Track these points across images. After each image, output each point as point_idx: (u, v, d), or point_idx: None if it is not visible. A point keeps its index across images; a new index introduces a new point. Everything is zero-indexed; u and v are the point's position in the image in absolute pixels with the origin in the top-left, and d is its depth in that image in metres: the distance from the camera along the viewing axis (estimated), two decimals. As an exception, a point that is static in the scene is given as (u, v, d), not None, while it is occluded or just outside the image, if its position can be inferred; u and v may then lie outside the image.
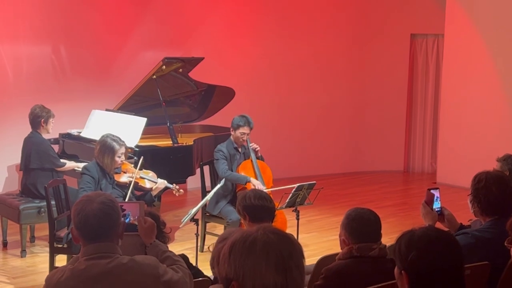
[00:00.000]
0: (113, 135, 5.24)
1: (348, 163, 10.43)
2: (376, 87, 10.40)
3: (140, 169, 5.48)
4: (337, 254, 3.16)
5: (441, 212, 3.57)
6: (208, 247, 5.05)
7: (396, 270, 2.01)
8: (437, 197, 3.57)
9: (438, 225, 3.58)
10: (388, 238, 6.48)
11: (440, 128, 9.92)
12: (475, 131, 9.17)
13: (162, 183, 5.43)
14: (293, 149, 9.94)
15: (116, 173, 5.32)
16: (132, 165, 5.58)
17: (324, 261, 3.59)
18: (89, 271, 2.44)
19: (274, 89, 9.67)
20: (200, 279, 3.29)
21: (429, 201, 3.56)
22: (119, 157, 5.15)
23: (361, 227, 2.93)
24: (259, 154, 6.10)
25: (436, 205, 3.56)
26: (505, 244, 2.20)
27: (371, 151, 10.52)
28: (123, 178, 5.40)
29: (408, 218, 7.44)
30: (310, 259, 5.85)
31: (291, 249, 1.58)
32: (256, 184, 5.75)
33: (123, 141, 5.24)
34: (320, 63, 10.00)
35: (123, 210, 2.72)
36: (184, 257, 3.34)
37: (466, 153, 9.26)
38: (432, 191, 3.58)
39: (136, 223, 2.82)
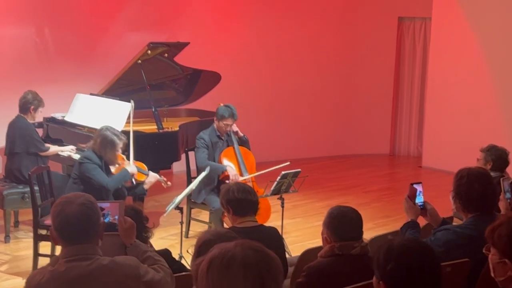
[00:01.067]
0: (112, 128, 5.26)
1: (335, 147, 10.46)
2: (363, 70, 10.40)
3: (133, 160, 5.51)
4: (320, 247, 3.18)
5: (424, 206, 3.59)
6: (187, 250, 5.06)
7: (374, 279, 2.03)
8: (419, 191, 3.59)
9: (421, 219, 3.62)
10: (373, 224, 6.65)
11: (426, 111, 9.95)
12: (461, 115, 9.21)
13: (153, 177, 5.46)
14: (280, 132, 9.95)
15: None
16: (124, 156, 5.58)
17: (308, 254, 3.63)
18: (69, 273, 2.43)
19: (262, 73, 9.64)
20: (184, 273, 3.29)
21: (412, 195, 3.58)
22: (118, 151, 5.19)
23: (343, 225, 2.95)
24: (241, 134, 6.09)
25: (419, 200, 3.59)
26: (484, 251, 2.22)
27: (357, 134, 10.56)
28: (118, 170, 5.42)
29: (393, 203, 7.49)
30: (294, 245, 5.92)
31: (269, 265, 1.58)
32: (232, 174, 5.74)
33: (123, 135, 5.28)
34: (307, 46, 9.98)
35: (102, 209, 2.71)
36: (166, 252, 3.35)
37: (452, 138, 9.31)
38: (414, 185, 3.61)
39: (116, 222, 2.82)
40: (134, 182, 5.38)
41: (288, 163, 5.73)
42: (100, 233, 2.55)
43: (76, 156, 5.97)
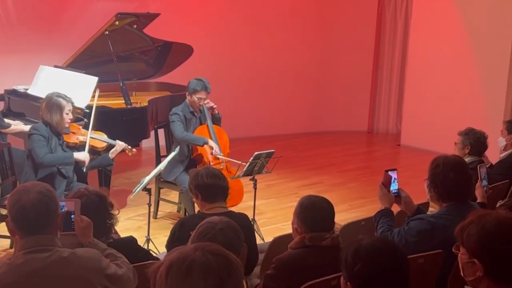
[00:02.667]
0: (59, 92, 5.19)
1: (311, 123, 10.50)
2: (342, 45, 10.40)
3: (92, 129, 5.43)
4: (291, 234, 3.20)
5: (398, 194, 3.62)
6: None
7: (342, 279, 2.05)
8: (394, 178, 3.61)
9: (395, 207, 3.65)
10: (348, 205, 6.71)
11: (406, 88, 10.01)
12: (442, 93, 9.27)
13: (120, 145, 5.38)
14: (254, 107, 9.94)
15: (65, 133, 5.27)
16: (81, 126, 5.52)
17: (278, 242, 3.65)
18: (27, 265, 2.41)
19: (238, 46, 9.59)
20: (150, 261, 3.29)
21: (386, 182, 3.60)
22: (67, 113, 5.11)
23: (314, 216, 2.96)
24: (216, 112, 6.07)
25: (393, 187, 3.61)
26: (453, 250, 2.25)
27: (335, 110, 10.60)
28: (73, 139, 5.37)
29: (370, 183, 7.54)
30: (267, 228, 5.95)
31: (230, 269, 1.59)
32: (214, 146, 5.76)
33: (70, 98, 5.18)
34: (286, 19, 9.94)
35: None
36: (132, 240, 3.34)
37: (432, 116, 9.39)
38: (389, 172, 3.62)
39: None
40: (84, 169, 5.29)
41: (272, 150, 5.68)
42: (59, 224, 2.53)
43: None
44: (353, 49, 10.43)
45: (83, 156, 5.23)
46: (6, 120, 6.22)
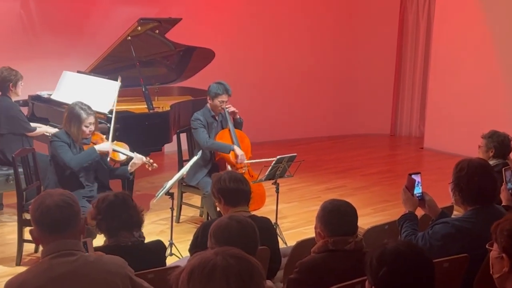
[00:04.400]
0: (83, 103, 5.21)
1: (333, 126, 10.48)
2: (364, 45, 10.37)
3: (112, 140, 5.45)
4: (314, 239, 3.20)
5: (422, 197, 3.60)
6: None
7: (366, 284, 2.05)
8: (418, 182, 3.60)
9: (419, 211, 3.64)
10: (371, 209, 6.69)
11: (429, 90, 9.94)
12: (466, 94, 9.18)
13: (139, 159, 5.39)
14: (276, 111, 9.96)
15: (85, 144, 5.29)
16: (104, 136, 5.54)
17: (301, 246, 3.65)
18: (54, 270, 2.44)
19: (256, 48, 9.61)
20: (172, 266, 3.31)
21: (410, 186, 3.59)
22: (87, 126, 5.13)
23: (337, 220, 2.96)
24: (237, 116, 6.09)
25: (417, 191, 3.59)
26: (487, 246, 2.25)
27: (357, 113, 10.56)
28: None
29: (393, 187, 7.50)
30: (290, 232, 5.96)
31: (251, 273, 1.60)
32: (240, 153, 5.77)
33: (93, 111, 5.20)
34: (304, 19, 9.94)
35: None
36: (160, 244, 3.38)
37: (456, 118, 9.31)
38: (413, 176, 3.61)
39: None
40: (108, 159, 5.30)
41: (295, 154, 5.68)
42: (82, 227, 2.56)
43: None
44: (375, 50, 10.39)
45: (106, 146, 5.25)
46: (32, 124, 6.31)
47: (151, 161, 5.43)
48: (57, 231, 2.50)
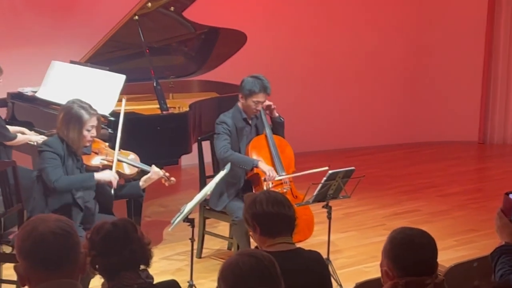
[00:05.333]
0: (82, 101, 5.28)
1: (403, 132, 10.44)
2: (442, 32, 10.30)
3: (118, 149, 5.52)
4: (379, 279, 3.19)
5: (524, 224, 3.57)
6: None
7: None
8: (518, 204, 3.56)
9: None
10: (454, 241, 6.67)
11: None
12: None
13: (156, 173, 5.43)
14: (328, 112, 9.95)
15: (85, 154, 5.36)
16: (107, 144, 5.61)
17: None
18: None
19: (304, 31, 9.61)
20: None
21: (507, 209, 3.56)
22: (89, 130, 5.19)
23: (410, 255, 2.93)
24: (276, 115, 6.10)
25: (517, 216, 3.56)
26: None
27: (435, 116, 10.50)
28: (95, 161, 5.45)
29: (482, 213, 7.46)
30: (346, 270, 5.97)
31: None
32: (267, 170, 5.75)
33: (95, 110, 5.27)
34: (368, 4, 9.90)
35: None
36: (174, 285, 3.39)
37: None
38: (511, 196, 3.58)
39: None
40: (113, 192, 5.37)
41: (326, 167, 5.69)
42: (82, 264, 2.58)
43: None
44: (457, 38, 10.29)
45: (108, 175, 5.31)
46: (11, 129, 6.40)
47: (167, 174, 5.48)
48: (52, 267, 2.51)
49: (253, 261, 2.67)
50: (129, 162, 5.55)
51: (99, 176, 5.26)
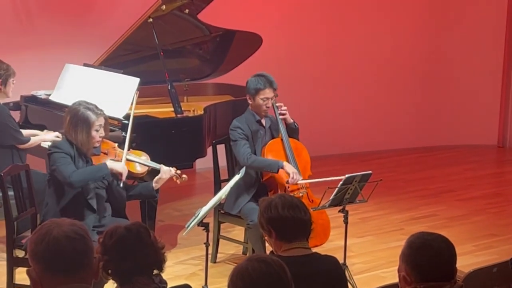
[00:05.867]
0: (87, 102, 5.30)
1: (421, 135, 10.42)
2: (461, 34, 10.26)
3: (128, 149, 5.53)
4: (397, 285, 3.17)
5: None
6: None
7: None
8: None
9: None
10: (473, 246, 6.64)
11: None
12: None
13: (166, 172, 5.44)
14: (344, 115, 9.93)
15: (94, 154, 5.37)
16: (116, 144, 5.62)
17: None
18: None
19: (319, 32, 9.60)
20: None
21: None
22: (97, 130, 5.21)
23: (428, 260, 2.91)
24: (291, 121, 6.09)
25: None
26: None
27: (453, 118, 10.47)
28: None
29: (501, 217, 7.45)
30: (363, 276, 5.95)
31: None
32: (291, 171, 5.75)
33: (101, 110, 5.29)
34: (384, 2, 9.88)
35: None
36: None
37: None
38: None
39: None
40: (121, 185, 5.38)
41: (369, 172, 5.66)
42: (95, 269, 2.57)
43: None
44: (475, 36, 10.26)
45: (119, 165, 5.32)
46: (28, 132, 6.41)
47: (179, 172, 5.48)
48: (65, 272, 2.51)
49: (263, 266, 2.66)
50: (139, 161, 5.56)
51: (111, 164, 5.27)
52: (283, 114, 6.04)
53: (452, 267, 3.00)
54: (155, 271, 3.16)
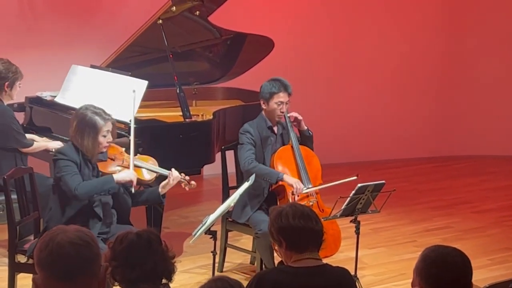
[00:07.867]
0: (95, 107, 5.30)
1: (435, 144, 10.39)
2: (478, 41, 10.24)
3: (135, 154, 5.53)
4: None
5: None
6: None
7: None
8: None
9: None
10: (488, 260, 6.64)
11: None
12: None
13: (174, 177, 5.43)
14: (356, 121, 9.92)
15: (101, 160, 5.38)
16: (123, 149, 5.63)
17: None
18: None
19: (331, 35, 9.60)
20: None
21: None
22: (105, 136, 5.21)
23: (443, 274, 2.92)
24: (305, 127, 6.09)
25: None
26: None
27: (469, 127, 10.43)
28: (111, 168, 5.46)
29: (518, 230, 7.43)
30: (374, 288, 5.93)
31: None
32: (293, 182, 5.74)
33: (109, 115, 5.28)
34: (397, 4, 9.88)
35: None
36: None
37: None
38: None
39: None
40: (133, 190, 5.38)
41: (355, 177, 5.68)
42: (102, 278, 2.57)
43: None
44: (492, 42, 10.24)
45: (127, 174, 5.31)
46: (28, 136, 6.43)
47: (187, 178, 5.48)
48: (69, 279, 2.51)
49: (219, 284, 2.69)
50: (147, 167, 5.55)
51: (118, 177, 5.27)
52: (297, 120, 6.05)
53: (467, 281, 3.00)
54: (164, 281, 3.17)
